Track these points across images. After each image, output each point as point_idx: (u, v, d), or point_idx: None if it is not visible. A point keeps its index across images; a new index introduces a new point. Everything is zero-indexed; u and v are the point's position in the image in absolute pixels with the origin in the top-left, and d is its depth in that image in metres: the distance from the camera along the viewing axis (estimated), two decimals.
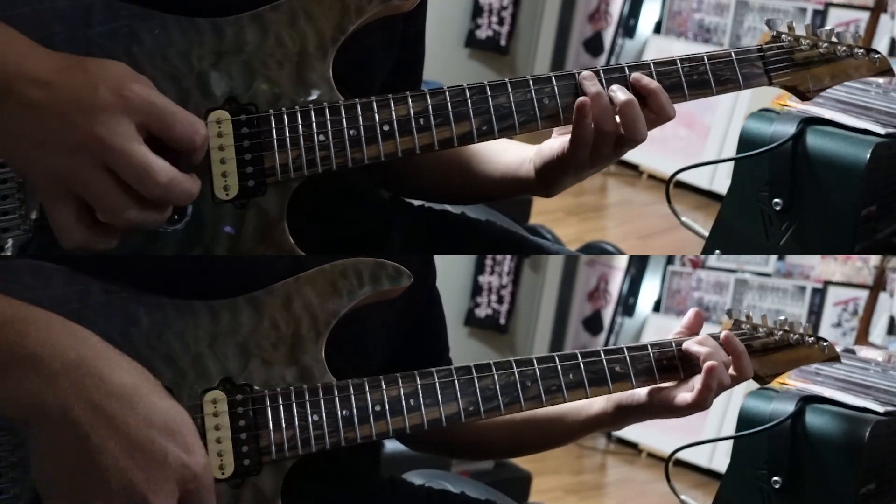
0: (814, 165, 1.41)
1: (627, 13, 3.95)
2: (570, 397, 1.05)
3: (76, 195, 0.84)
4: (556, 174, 1.11)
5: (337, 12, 0.98)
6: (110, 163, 0.83)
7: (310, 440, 0.95)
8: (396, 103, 0.99)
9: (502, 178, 1.18)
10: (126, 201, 0.84)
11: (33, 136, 0.82)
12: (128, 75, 0.86)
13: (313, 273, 0.98)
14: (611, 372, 1.07)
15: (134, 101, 0.84)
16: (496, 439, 1.23)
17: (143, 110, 0.84)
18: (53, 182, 0.83)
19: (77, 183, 0.83)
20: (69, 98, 0.82)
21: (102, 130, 0.82)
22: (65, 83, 0.83)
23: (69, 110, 0.82)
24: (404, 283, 1.00)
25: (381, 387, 0.98)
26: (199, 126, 0.88)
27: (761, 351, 1.16)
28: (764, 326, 1.17)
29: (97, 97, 0.83)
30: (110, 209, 0.84)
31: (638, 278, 3.71)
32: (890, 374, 1.53)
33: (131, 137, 0.83)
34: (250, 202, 0.96)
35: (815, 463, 1.42)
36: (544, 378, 1.04)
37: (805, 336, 1.17)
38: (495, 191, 1.21)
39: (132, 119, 0.83)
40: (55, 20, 0.91)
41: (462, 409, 1.00)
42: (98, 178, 0.83)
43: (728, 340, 1.11)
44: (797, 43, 1.11)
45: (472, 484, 1.40)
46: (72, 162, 0.82)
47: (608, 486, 3.42)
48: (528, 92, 1.02)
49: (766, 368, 1.16)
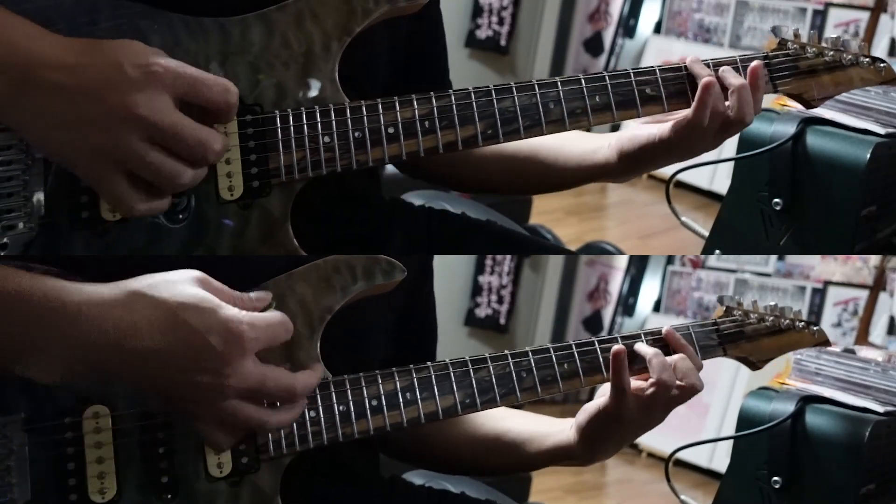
0: (814, 165, 1.41)
1: (627, 13, 3.95)
2: (566, 387, 1.06)
3: (124, 168, 0.85)
4: (653, 156, 1.12)
5: (343, 13, 0.98)
6: (159, 139, 0.84)
7: (307, 437, 0.95)
8: (401, 106, 0.99)
9: (578, 166, 1.18)
10: (180, 169, 0.87)
11: (67, 119, 0.83)
12: (146, 50, 0.86)
13: (306, 269, 0.98)
14: (605, 360, 1.07)
15: (162, 74, 0.85)
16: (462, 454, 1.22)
17: (173, 81, 0.85)
18: (98, 160, 0.84)
19: (128, 158, 0.84)
20: (98, 77, 0.83)
21: (143, 109, 0.83)
22: (87, 64, 0.84)
23: (100, 89, 0.83)
24: (397, 277, 1.00)
25: (377, 381, 0.98)
26: (229, 85, 0.89)
27: (752, 337, 1.17)
28: (755, 312, 1.18)
29: (125, 75, 0.84)
30: (167, 178, 0.86)
31: (638, 278, 3.71)
32: (890, 374, 1.54)
33: (172, 111, 0.85)
34: (255, 203, 0.96)
35: (815, 463, 1.42)
36: (539, 368, 1.05)
37: (795, 321, 1.18)
38: (572, 179, 1.21)
39: (166, 91, 0.85)
40: (60, 17, 0.91)
41: (458, 401, 1.01)
42: (149, 151, 0.85)
43: (670, 335, 1.12)
44: (803, 51, 1.11)
45: (472, 484, 1.40)
46: (115, 138, 0.84)
47: (608, 486, 3.42)
48: (533, 96, 1.03)
49: (758, 354, 1.17)
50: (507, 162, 1.21)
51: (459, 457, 1.22)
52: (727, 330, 1.16)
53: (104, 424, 0.92)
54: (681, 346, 1.09)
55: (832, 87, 1.12)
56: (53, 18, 0.90)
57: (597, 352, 1.07)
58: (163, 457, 0.93)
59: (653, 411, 1.07)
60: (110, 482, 0.91)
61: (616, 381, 1.05)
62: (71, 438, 0.91)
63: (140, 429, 0.93)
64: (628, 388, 1.05)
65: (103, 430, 0.92)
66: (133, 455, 0.92)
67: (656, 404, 1.06)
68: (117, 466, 0.92)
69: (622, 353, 1.05)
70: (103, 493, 0.91)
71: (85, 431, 0.91)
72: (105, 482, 0.91)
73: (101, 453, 0.91)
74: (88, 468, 0.91)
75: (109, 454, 0.91)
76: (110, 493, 0.91)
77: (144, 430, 0.93)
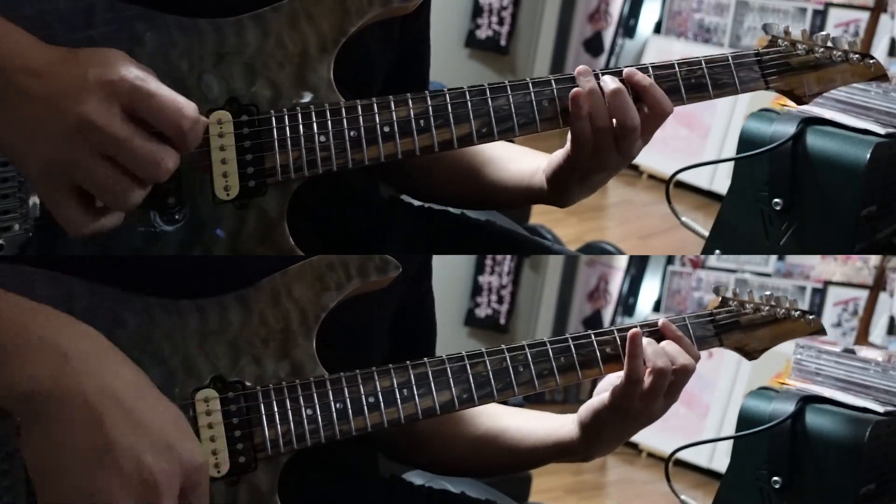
0: (814, 165, 1.41)
1: (627, 13, 3.95)
2: (563, 381, 1.05)
3: (75, 185, 0.84)
4: (564, 178, 1.11)
5: (338, 14, 0.98)
6: (110, 151, 0.83)
7: (304, 434, 0.95)
8: (397, 105, 0.99)
9: (515, 186, 1.18)
10: (129, 186, 0.85)
11: (27, 127, 0.83)
12: (116, 61, 0.85)
13: (300, 267, 0.97)
14: (602, 353, 1.07)
15: (117, 83, 0.83)
16: (459, 454, 1.21)
17: (129, 93, 0.84)
18: (51, 173, 0.83)
19: (76, 172, 0.83)
20: (59, 85, 0.83)
21: (93, 116, 0.82)
22: (57, 73, 0.83)
23: (58, 98, 0.82)
24: (392, 273, 1.00)
25: (373, 378, 0.98)
26: (185, 109, 0.86)
27: (748, 327, 1.17)
28: (751, 302, 1.18)
29: (85, 83, 0.83)
30: (116, 195, 0.85)
31: (638, 278, 3.71)
32: (890, 374, 1.54)
33: (122, 122, 0.83)
34: (251, 202, 0.96)
35: (815, 463, 1.42)
36: (536, 362, 1.04)
37: (791, 310, 1.18)
38: (507, 198, 1.21)
39: (118, 101, 0.83)
40: (57, 21, 0.91)
41: (455, 396, 1.00)
42: (98, 166, 0.83)
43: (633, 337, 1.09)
44: (793, 48, 1.12)
45: (472, 484, 1.40)
46: (66, 151, 0.82)
47: (608, 486, 3.42)
48: (527, 94, 1.03)
49: (754, 343, 1.17)
50: (455, 171, 1.21)
51: (459, 457, 1.21)
52: (723, 320, 1.16)
53: None
54: (676, 338, 1.09)
55: (823, 84, 1.13)
56: (50, 23, 0.90)
57: (593, 345, 1.07)
58: None
59: (654, 402, 1.07)
60: None
61: (631, 367, 1.05)
62: None
63: None
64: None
65: None
66: None
67: (657, 393, 1.06)
68: None
69: (639, 336, 1.05)
70: None
71: None
72: None
73: None
74: None
75: None
76: None
77: None
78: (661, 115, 1.05)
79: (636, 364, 1.05)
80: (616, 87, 1.03)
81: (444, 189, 1.25)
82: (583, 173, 1.08)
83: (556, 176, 1.12)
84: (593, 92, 1.02)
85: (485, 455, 1.20)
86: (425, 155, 1.00)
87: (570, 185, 1.11)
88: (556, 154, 1.12)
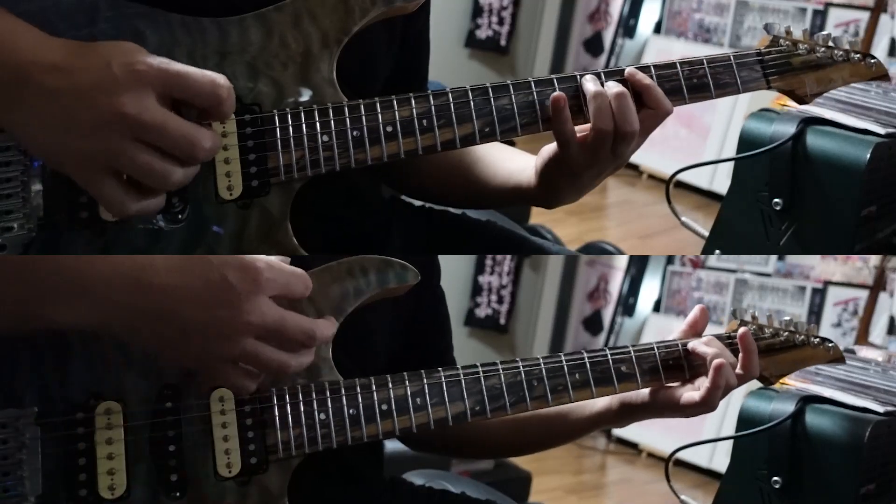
0: (814, 165, 1.41)
1: (627, 13, 3.95)
2: (576, 397, 1.05)
3: (115, 170, 0.85)
4: (554, 176, 1.11)
5: (341, 13, 0.98)
6: (146, 138, 0.84)
7: (317, 439, 0.95)
8: (399, 104, 0.99)
9: (503, 184, 1.18)
10: (169, 168, 0.86)
11: (59, 122, 0.83)
12: (135, 50, 0.86)
13: (319, 271, 0.98)
14: (616, 371, 1.07)
15: (147, 72, 0.84)
16: (500, 437, 1.23)
17: (159, 78, 0.85)
18: (89, 162, 0.84)
19: (117, 159, 0.84)
20: (87, 80, 0.83)
21: (129, 108, 0.83)
22: (80, 67, 0.84)
23: (89, 91, 0.83)
24: (410, 280, 1.00)
25: (387, 386, 0.98)
26: (218, 79, 0.87)
27: (766, 351, 1.16)
28: (770, 327, 1.17)
29: (113, 75, 0.83)
30: (157, 178, 0.86)
31: (638, 278, 3.71)
32: (890, 374, 1.54)
33: (158, 108, 0.84)
34: (254, 202, 0.96)
35: (815, 463, 1.42)
36: (550, 377, 1.04)
37: (810, 336, 1.18)
38: (496, 197, 1.21)
39: (152, 89, 0.84)
40: (60, 18, 0.91)
41: (468, 408, 1.01)
42: (137, 151, 0.84)
43: (745, 337, 1.12)
44: (794, 47, 1.12)
45: (473, 484, 1.40)
46: (104, 140, 0.83)
47: (608, 486, 3.42)
48: (530, 94, 1.03)
49: (771, 368, 1.17)
50: (445, 170, 1.22)
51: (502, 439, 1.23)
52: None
53: (115, 421, 0.92)
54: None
55: (824, 84, 1.13)
56: (53, 19, 0.90)
57: (608, 362, 1.07)
58: (173, 455, 0.93)
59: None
60: (120, 479, 0.91)
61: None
62: (82, 434, 0.91)
63: (151, 426, 0.93)
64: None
65: (114, 426, 0.92)
66: (143, 452, 0.93)
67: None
68: (127, 463, 0.92)
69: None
70: (113, 489, 0.91)
71: (96, 427, 0.92)
72: (115, 479, 0.91)
73: (112, 450, 0.92)
74: (99, 464, 0.91)
75: (120, 451, 0.92)
76: (119, 490, 0.91)
77: (155, 427, 0.93)
78: (661, 115, 1.06)
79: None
80: (620, 90, 1.03)
81: (433, 186, 1.26)
82: (573, 171, 1.08)
83: (545, 173, 1.12)
84: (600, 95, 1.03)
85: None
86: (427, 154, 1.00)
87: (559, 184, 1.11)
88: (545, 149, 1.12)
